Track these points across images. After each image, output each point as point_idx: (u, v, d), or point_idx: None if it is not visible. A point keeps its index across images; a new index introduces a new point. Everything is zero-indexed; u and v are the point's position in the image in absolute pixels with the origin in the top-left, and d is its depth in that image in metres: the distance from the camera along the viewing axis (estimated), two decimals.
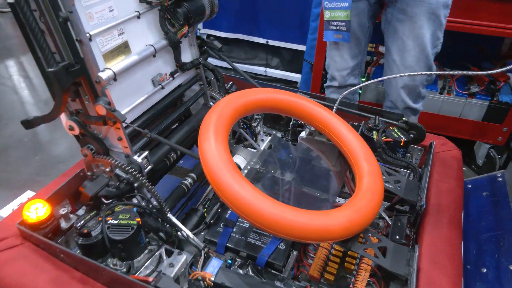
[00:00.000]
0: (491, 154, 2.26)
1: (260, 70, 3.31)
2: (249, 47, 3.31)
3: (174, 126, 1.39)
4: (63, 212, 1.06)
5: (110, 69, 0.97)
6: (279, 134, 1.68)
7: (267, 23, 3.08)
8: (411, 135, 1.36)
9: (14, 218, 1.00)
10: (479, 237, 1.29)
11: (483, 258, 1.21)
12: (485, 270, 1.17)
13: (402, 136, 1.31)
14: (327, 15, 1.71)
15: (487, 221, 1.33)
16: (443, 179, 1.28)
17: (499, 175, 1.47)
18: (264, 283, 0.98)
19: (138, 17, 1.06)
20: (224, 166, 0.87)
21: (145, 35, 1.10)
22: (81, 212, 1.14)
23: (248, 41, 3.23)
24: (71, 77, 0.91)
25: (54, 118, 0.98)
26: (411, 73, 1.52)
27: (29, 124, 1.02)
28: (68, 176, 1.13)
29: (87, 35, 0.91)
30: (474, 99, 2.14)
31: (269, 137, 1.64)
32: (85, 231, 0.95)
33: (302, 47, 3.02)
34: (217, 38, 3.25)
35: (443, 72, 1.28)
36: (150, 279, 0.89)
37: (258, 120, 1.62)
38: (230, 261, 1.09)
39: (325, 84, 2.08)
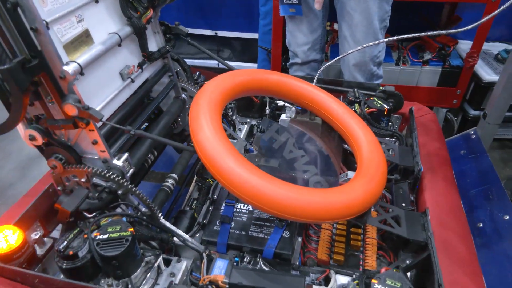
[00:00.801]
0: (448, 117, 2.38)
1: (212, 63, 3.19)
2: (197, 41, 3.17)
3: (144, 126, 1.26)
4: (36, 237, 0.91)
5: (75, 61, 0.83)
6: (253, 122, 1.61)
7: (214, 14, 2.98)
8: (390, 103, 1.36)
9: None
10: (467, 194, 1.33)
11: (476, 214, 1.24)
12: (481, 225, 1.20)
13: (384, 104, 1.30)
14: None
15: (471, 178, 1.37)
16: (428, 142, 1.29)
17: (472, 132, 1.52)
18: (283, 274, 0.91)
19: (96, 1, 0.93)
20: (227, 154, 0.78)
21: (107, 22, 0.97)
22: (55, 233, 0.99)
23: (196, 34, 3.10)
24: (30, 74, 0.76)
25: (12, 127, 0.82)
26: (367, 45, 1.48)
27: None
28: (32, 196, 0.97)
29: (44, 22, 0.76)
30: (428, 66, 2.22)
31: (246, 126, 1.57)
32: (71, 252, 0.82)
33: (252, 35, 2.96)
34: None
35: (395, 38, 1.27)
36: None
37: (232, 109, 1.53)
38: (237, 259, 1.00)
39: (288, 63, 2.06)
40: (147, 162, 1.18)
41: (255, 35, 2.87)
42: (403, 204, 1.04)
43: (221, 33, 3.03)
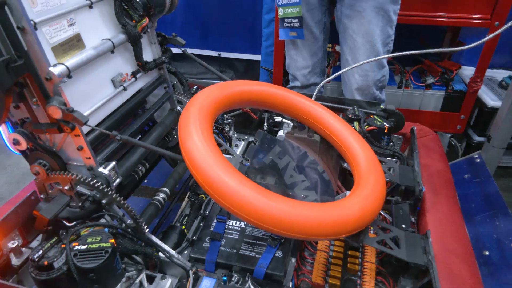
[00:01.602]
0: (452, 143, 2.33)
1: (214, 83, 3.21)
2: (204, 61, 3.20)
3: (138, 138, 1.23)
4: (13, 246, 0.86)
5: (62, 64, 0.81)
6: (251, 138, 1.57)
7: (217, 35, 3.01)
8: (391, 122, 1.32)
9: None
10: (472, 220, 1.26)
11: (482, 240, 1.17)
12: (487, 253, 1.13)
13: (384, 123, 1.26)
14: (280, 12, 1.69)
15: (475, 203, 1.31)
16: (430, 163, 1.24)
17: (476, 156, 1.47)
18: None
19: (90, 6, 0.92)
20: (216, 163, 0.74)
21: (100, 28, 0.96)
22: (35, 244, 0.94)
23: (200, 54, 3.13)
24: (14, 74, 0.74)
25: None
26: (366, 61, 1.44)
27: None
28: (14, 203, 0.93)
29: (31, 22, 0.74)
30: (431, 90, 2.19)
31: (243, 142, 1.53)
32: (45, 263, 0.76)
33: (254, 57, 2.99)
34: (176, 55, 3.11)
35: (396, 54, 1.25)
36: None
37: (229, 124, 1.50)
38: (225, 278, 0.94)
39: (287, 86, 2.03)
40: (137, 174, 1.13)
41: (257, 57, 2.88)
42: (403, 226, 0.98)
43: (224, 54, 3.05)
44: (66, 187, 0.90)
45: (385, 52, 1.65)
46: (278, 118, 1.37)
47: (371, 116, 1.31)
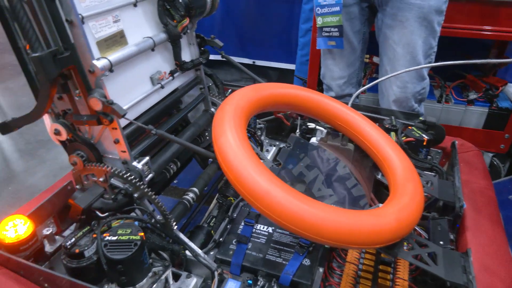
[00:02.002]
0: (495, 163, 2.20)
1: None
2: (234, 69, 3.24)
3: None
4: (47, 233, 0.88)
5: (106, 58, 0.83)
6: (282, 145, 1.56)
7: (253, 43, 3.04)
8: (430, 135, 1.27)
9: None
10: None
11: None
12: None
13: (423, 135, 1.21)
14: (319, 21, 1.66)
15: None
16: (472, 180, 1.17)
17: None
18: None
19: (135, 5, 0.94)
20: (249, 162, 0.73)
21: (143, 26, 0.98)
22: (68, 233, 0.96)
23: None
24: (60, 65, 0.77)
25: (38, 117, 0.82)
26: (402, 71, 1.38)
27: (5, 127, 0.85)
28: (51, 192, 0.96)
29: (79, 16, 0.77)
30: (473, 106, 2.09)
31: (274, 148, 1.52)
32: (77, 250, 0.78)
33: (288, 66, 2.99)
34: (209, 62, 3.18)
35: (440, 64, 1.20)
36: None
37: (261, 129, 1.49)
38: (250, 282, 0.92)
39: None
40: (168, 172, 1.14)
41: (291, 66, 2.88)
42: (441, 242, 0.93)
43: (259, 62, 3.07)
44: (101, 179, 0.91)
45: (426, 63, 1.58)
46: (311, 125, 1.35)
47: (409, 128, 1.26)
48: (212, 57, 3.16)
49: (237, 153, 0.75)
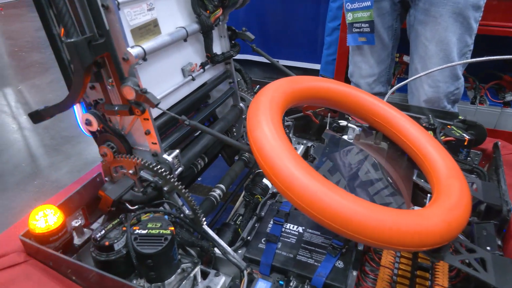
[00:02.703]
0: None
1: None
2: (258, 69, 3.22)
3: (198, 133, 1.22)
4: (76, 225, 0.86)
5: (140, 46, 0.81)
6: (310, 143, 1.51)
7: (277, 43, 3.01)
8: (471, 135, 1.20)
9: (17, 230, 0.80)
10: None
11: None
12: None
13: (465, 134, 1.14)
14: (349, 17, 1.61)
15: None
16: None
17: None
18: None
19: None
20: (286, 155, 0.69)
21: (176, 16, 0.96)
22: (96, 226, 0.94)
23: (258, 61, 3.15)
24: (94, 53, 0.75)
25: (70, 105, 0.81)
26: (435, 69, 1.30)
27: (38, 116, 0.84)
28: (81, 184, 0.94)
29: (115, 1, 0.75)
30: (510, 108, 2.00)
31: (302, 146, 1.47)
32: (107, 243, 0.75)
33: (312, 66, 2.94)
34: (240, 61, 3.17)
35: (476, 60, 1.12)
36: None
37: (289, 127, 1.45)
38: (282, 282, 0.88)
39: None
40: (196, 167, 1.12)
41: (316, 66, 2.83)
42: (488, 248, 0.86)
43: (283, 62, 3.03)
44: (130, 171, 0.89)
45: (464, 64, 1.50)
46: (343, 123, 1.30)
47: (448, 127, 1.20)
48: (240, 56, 3.15)
49: (274, 146, 0.71)
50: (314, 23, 2.80)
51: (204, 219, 0.91)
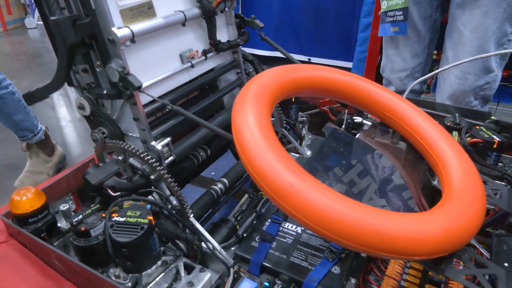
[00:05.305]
0: None
1: None
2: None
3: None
4: (64, 209, 0.85)
5: (127, 27, 0.78)
6: None
7: (309, 40, 2.93)
8: (504, 139, 1.06)
9: (3, 210, 0.80)
10: None
11: None
12: None
13: (495, 136, 1.01)
14: (383, 5, 1.50)
15: None
16: None
17: None
18: None
19: None
20: (265, 144, 0.63)
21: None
22: None
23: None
24: (80, 32, 0.73)
25: (58, 86, 0.80)
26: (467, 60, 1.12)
27: (31, 97, 0.84)
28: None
29: None
30: None
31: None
32: (82, 228, 0.73)
33: (345, 64, 2.82)
34: (257, 57, 3.14)
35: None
36: None
37: (304, 122, 1.38)
38: (267, 284, 0.82)
39: None
40: (196, 158, 1.08)
41: (349, 64, 2.72)
42: (506, 264, 0.75)
43: (315, 60, 2.94)
44: (120, 158, 0.87)
45: (498, 55, 1.34)
46: (357, 119, 1.21)
47: (477, 127, 1.07)
48: (267, 53, 3.11)
49: (254, 135, 0.65)
50: (348, 19, 2.69)
51: (190, 211, 0.86)
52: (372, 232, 0.57)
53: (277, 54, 3.07)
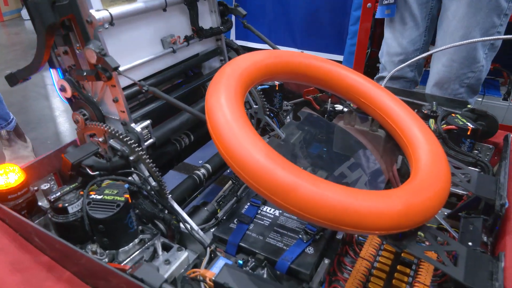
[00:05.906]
0: None
1: None
2: None
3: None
4: (45, 188, 0.87)
5: (106, 10, 0.80)
6: None
7: (301, 33, 2.94)
8: (480, 127, 1.09)
9: None
10: None
11: None
12: None
13: (469, 123, 1.04)
14: None
15: None
16: None
17: None
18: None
19: None
20: (240, 128, 0.65)
21: None
22: None
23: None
24: (58, 14, 0.75)
25: (37, 67, 0.81)
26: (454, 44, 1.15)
27: (13, 78, 0.86)
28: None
29: None
30: None
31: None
32: (60, 205, 0.76)
33: (338, 57, 2.84)
34: (249, 49, 3.15)
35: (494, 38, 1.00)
36: (127, 266, 0.67)
37: (288, 111, 1.40)
38: (241, 262, 0.84)
39: (375, 77, 1.83)
40: (179, 143, 1.10)
41: (341, 57, 2.73)
42: (470, 243, 0.77)
43: (307, 52, 2.95)
44: (100, 139, 0.89)
45: (484, 45, 1.35)
46: (338, 107, 1.23)
47: (453, 115, 1.09)
48: (260, 46, 3.11)
49: (226, 115, 0.67)
50: (341, 12, 2.70)
51: (168, 192, 0.89)
52: (337, 207, 0.59)
53: (282, 48, 3.09)
